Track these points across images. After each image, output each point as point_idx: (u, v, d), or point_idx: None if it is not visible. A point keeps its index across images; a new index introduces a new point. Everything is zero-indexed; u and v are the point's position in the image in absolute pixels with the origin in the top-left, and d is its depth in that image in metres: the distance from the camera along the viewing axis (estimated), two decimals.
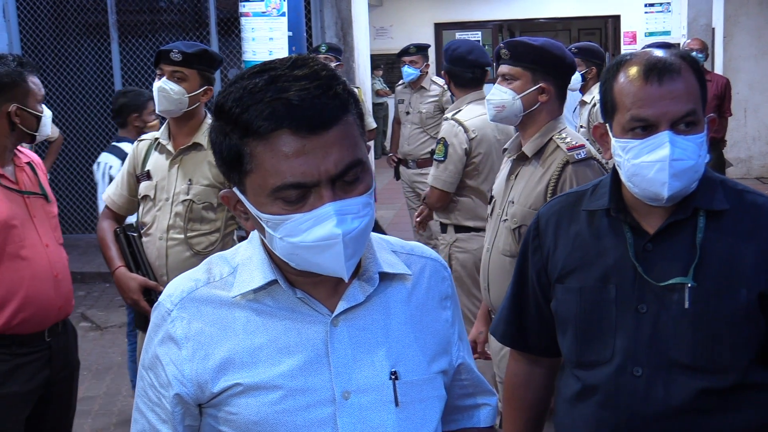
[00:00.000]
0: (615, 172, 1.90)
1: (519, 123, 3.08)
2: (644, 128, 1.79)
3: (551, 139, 2.98)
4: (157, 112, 3.51)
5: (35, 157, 3.21)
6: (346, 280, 1.38)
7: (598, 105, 5.39)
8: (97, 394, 5.31)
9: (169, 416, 1.43)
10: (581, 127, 5.75)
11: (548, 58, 3.00)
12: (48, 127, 3.06)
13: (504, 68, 3.07)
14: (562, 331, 1.97)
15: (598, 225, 1.92)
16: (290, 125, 1.27)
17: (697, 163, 1.79)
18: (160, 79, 3.43)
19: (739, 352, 1.80)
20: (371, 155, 9.34)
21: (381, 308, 1.45)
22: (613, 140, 1.86)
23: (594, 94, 5.72)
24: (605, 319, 1.87)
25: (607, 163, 2.81)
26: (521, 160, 3.05)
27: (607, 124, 1.89)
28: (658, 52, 1.83)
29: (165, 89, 3.39)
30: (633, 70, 1.80)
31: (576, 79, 5.70)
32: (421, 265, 1.55)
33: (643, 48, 2.18)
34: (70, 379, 3.21)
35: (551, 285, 1.99)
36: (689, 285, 1.79)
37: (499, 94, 3.06)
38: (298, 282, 1.42)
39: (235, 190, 1.38)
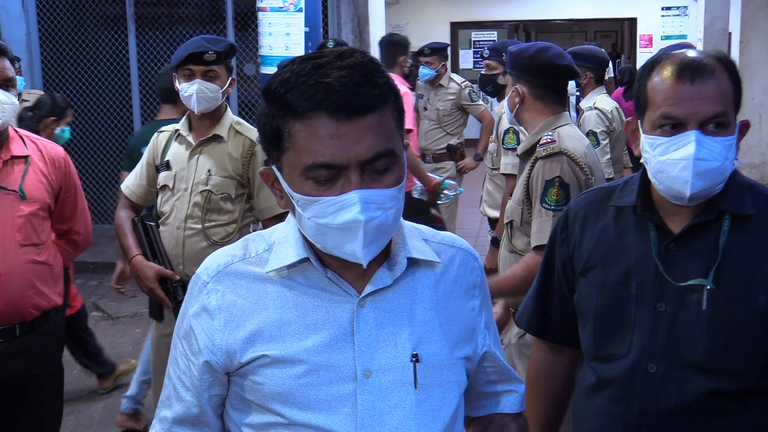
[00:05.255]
0: (645, 170, 1.91)
1: (521, 124, 3.19)
2: (673, 126, 1.80)
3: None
4: (196, 113, 3.45)
5: (54, 152, 3.08)
6: (365, 266, 1.41)
7: (586, 113, 5.28)
8: None
9: (195, 384, 1.49)
10: None
11: (515, 61, 3.10)
12: (7, 114, 2.87)
13: None
14: (582, 324, 1.99)
15: (625, 221, 1.94)
16: (327, 108, 1.32)
17: (723, 165, 1.79)
18: (189, 80, 3.42)
19: (753, 357, 1.80)
20: None
21: (407, 292, 1.50)
22: (642, 136, 1.87)
23: (590, 103, 5.38)
24: (624, 315, 1.89)
25: (587, 167, 2.86)
26: (522, 159, 3.15)
27: (638, 121, 1.91)
28: (693, 53, 1.84)
29: (204, 90, 3.40)
30: (667, 69, 1.82)
31: (570, 85, 5.47)
32: (451, 254, 1.59)
33: (670, 47, 2.19)
34: (36, 388, 3.02)
35: (575, 277, 2.01)
36: (708, 287, 1.80)
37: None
38: (329, 263, 1.46)
39: (273, 168, 1.43)
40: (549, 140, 2.98)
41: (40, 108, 4.72)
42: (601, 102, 5.39)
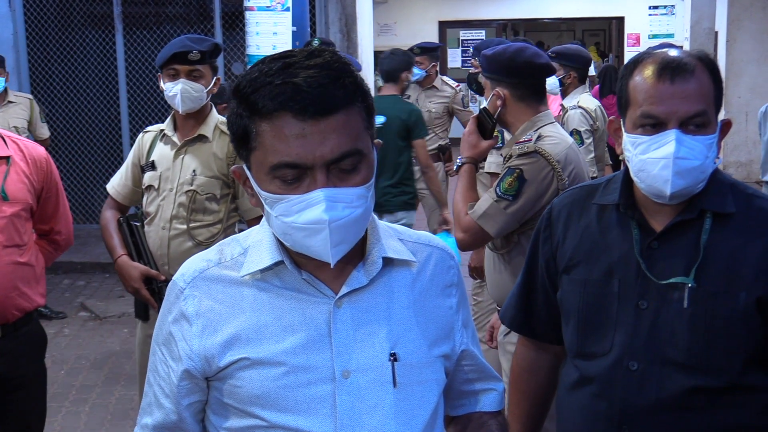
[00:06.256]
0: (627, 169, 1.92)
1: (504, 126, 3.16)
2: (654, 125, 1.81)
3: None
4: (180, 113, 3.46)
5: (36, 152, 3.04)
6: (332, 266, 1.42)
7: (570, 111, 5.29)
8: (95, 383, 5.33)
9: (173, 391, 1.50)
10: None
11: (494, 64, 3.07)
12: None
13: None
14: (565, 321, 2.00)
15: (608, 219, 1.95)
16: (292, 108, 1.33)
17: (704, 164, 1.81)
18: (174, 79, 3.42)
19: (734, 354, 1.81)
20: None
21: (384, 292, 1.50)
22: (624, 135, 1.89)
23: (574, 101, 5.40)
24: (606, 312, 1.90)
25: (561, 167, 2.86)
26: (505, 160, 3.13)
27: (621, 120, 1.92)
28: (674, 52, 1.85)
29: (188, 90, 3.41)
30: (648, 68, 1.83)
31: (553, 84, 5.52)
32: (427, 253, 1.59)
33: (654, 47, 2.20)
34: (19, 389, 2.99)
35: (558, 275, 2.02)
36: (689, 285, 1.81)
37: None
38: (304, 264, 1.46)
39: (243, 166, 1.44)
40: (525, 139, 2.99)
41: (220, 96, 5.04)
42: (584, 101, 5.40)
